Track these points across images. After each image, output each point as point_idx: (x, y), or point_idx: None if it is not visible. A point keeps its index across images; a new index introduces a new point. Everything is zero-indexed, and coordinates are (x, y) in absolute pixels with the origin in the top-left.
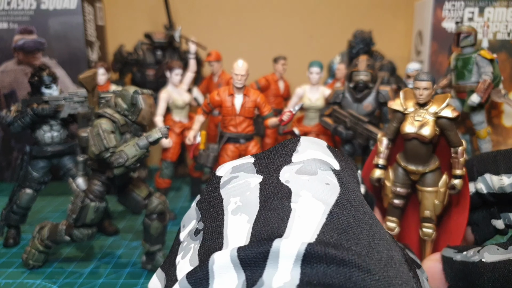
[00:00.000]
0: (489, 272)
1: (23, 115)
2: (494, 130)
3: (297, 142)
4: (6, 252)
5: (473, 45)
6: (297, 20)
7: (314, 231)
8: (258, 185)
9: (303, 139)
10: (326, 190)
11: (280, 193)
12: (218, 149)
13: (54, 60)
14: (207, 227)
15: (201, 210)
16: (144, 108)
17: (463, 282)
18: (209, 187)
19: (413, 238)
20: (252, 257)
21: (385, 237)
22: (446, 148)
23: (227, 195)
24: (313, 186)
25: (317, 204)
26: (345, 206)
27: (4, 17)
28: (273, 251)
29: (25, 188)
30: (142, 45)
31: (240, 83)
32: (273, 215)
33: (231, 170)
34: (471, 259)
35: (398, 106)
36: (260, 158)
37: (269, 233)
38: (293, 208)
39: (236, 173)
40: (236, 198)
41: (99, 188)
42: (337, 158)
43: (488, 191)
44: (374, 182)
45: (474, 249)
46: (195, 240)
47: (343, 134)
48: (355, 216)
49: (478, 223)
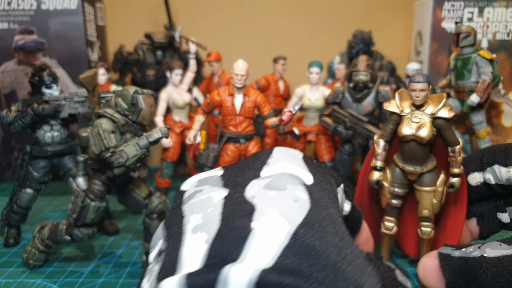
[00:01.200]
0: (493, 267)
1: (24, 115)
2: (493, 130)
3: (270, 154)
4: (6, 252)
5: (473, 45)
6: (297, 21)
7: (274, 254)
8: (222, 200)
9: (277, 151)
10: (294, 207)
11: (243, 210)
12: (218, 149)
13: (55, 60)
14: (168, 247)
15: (166, 228)
16: (144, 108)
17: (462, 279)
18: (174, 203)
19: (411, 237)
20: (201, 285)
21: (356, 261)
22: (442, 147)
23: (189, 212)
24: (280, 202)
25: (282, 223)
26: (313, 226)
27: (5, 17)
28: (222, 279)
29: (26, 188)
30: (143, 45)
31: (240, 83)
32: (232, 235)
33: (196, 184)
34: (471, 254)
35: (394, 108)
36: (229, 171)
37: (223, 256)
38: (254, 227)
39: (201, 186)
40: (197, 215)
41: (100, 188)
42: (312, 171)
43: (496, 182)
44: (373, 185)
45: (474, 246)
46: (157, 262)
47: (343, 133)
48: (322, 238)
49: (483, 215)
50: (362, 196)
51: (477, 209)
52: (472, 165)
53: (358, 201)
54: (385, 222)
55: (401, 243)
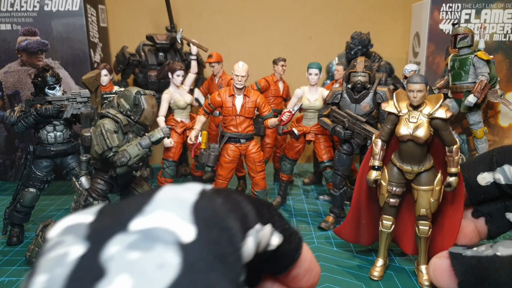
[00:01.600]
0: (507, 266)
1: (27, 115)
2: (490, 130)
3: (150, 198)
4: (9, 250)
5: (470, 46)
6: (296, 22)
7: None
8: (76, 259)
9: (162, 193)
10: (154, 276)
11: (89, 276)
12: (219, 148)
13: (57, 61)
14: None
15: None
16: (146, 109)
17: (475, 278)
18: (40, 250)
19: (409, 236)
20: None
21: None
22: (439, 147)
23: (39, 269)
24: (141, 268)
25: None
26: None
27: (8, 19)
28: None
29: (29, 187)
30: (144, 46)
31: (240, 84)
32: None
33: (61, 232)
34: (484, 253)
35: (392, 108)
36: (101, 216)
37: None
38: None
39: (64, 236)
40: (44, 276)
41: (102, 187)
42: (198, 222)
43: (506, 182)
44: (371, 184)
45: (486, 245)
46: None
47: (342, 134)
48: None
49: (492, 214)
50: (361, 195)
51: (486, 208)
52: (482, 165)
53: (356, 200)
54: (383, 220)
55: (399, 241)
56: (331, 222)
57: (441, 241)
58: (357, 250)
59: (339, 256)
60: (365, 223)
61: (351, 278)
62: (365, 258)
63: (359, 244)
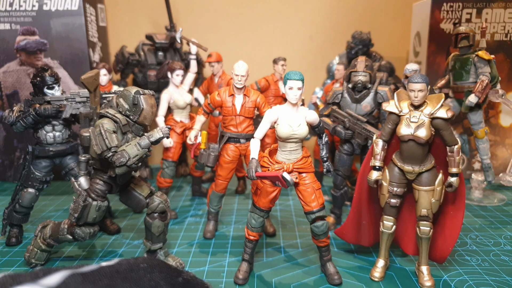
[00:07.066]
0: None
1: (26, 115)
2: (492, 130)
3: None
4: (8, 251)
5: (471, 46)
6: (296, 22)
7: None
8: None
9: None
10: None
11: None
12: (219, 148)
13: (56, 61)
14: None
15: None
16: (145, 108)
17: None
18: None
19: (410, 236)
20: None
21: None
22: (440, 147)
23: None
24: None
25: None
26: None
27: (7, 18)
28: None
29: (28, 188)
30: (144, 46)
31: (240, 83)
32: None
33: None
34: None
35: (393, 108)
36: None
37: None
38: None
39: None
40: None
41: (101, 187)
42: None
43: None
44: (372, 184)
45: None
46: None
47: (342, 134)
48: None
49: None
50: (361, 195)
51: None
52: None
53: (357, 201)
54: (384, 221)
55: (399, 241)
56: (332, 223)
57: (442, 242)
58: (357, 250)
59: (340, 257)
60: (366, 224)
61: (352, 279)
62: (366, 258)
63: (360, 244)
